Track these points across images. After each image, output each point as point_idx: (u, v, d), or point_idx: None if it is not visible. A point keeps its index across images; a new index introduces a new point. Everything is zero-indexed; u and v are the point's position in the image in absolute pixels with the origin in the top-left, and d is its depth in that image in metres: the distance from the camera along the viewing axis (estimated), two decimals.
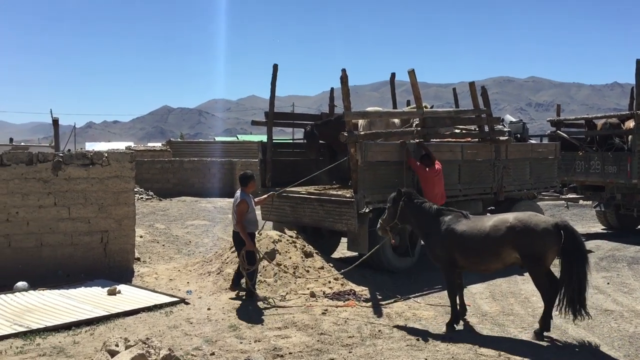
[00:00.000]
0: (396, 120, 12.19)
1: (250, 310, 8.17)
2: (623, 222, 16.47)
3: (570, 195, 16.41)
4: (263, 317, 7.85)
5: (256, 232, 9.25)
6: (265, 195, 10.15)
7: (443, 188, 10.41)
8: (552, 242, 6.76)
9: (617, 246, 13.93)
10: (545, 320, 7.02)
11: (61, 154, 10.32)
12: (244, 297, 8.69)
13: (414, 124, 12.03)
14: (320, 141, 12.22)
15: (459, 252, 7.25)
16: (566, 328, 7.42)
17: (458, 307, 7.51)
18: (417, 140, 10.84)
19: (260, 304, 8.44)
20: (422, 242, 8.49)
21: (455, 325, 7.35)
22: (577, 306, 6.78)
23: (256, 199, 9.42)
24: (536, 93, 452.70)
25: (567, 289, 6.80)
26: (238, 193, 8.86)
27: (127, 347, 5.58)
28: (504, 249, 6.93)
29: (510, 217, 7.07)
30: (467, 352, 6.54)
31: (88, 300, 8.52)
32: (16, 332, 7.08)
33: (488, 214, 11.44)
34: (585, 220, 19.02)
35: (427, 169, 10.28)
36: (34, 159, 9.90)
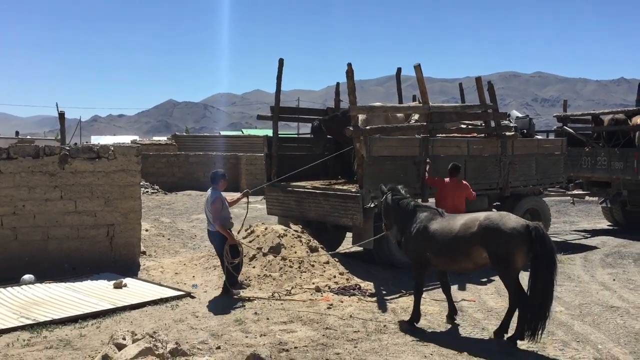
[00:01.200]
0: (399, 115, 12.18)
1: (256, 304, 8.19)
2: (629, 219, 16.42)
3: (576, 191, 16.37)
4: (268, 311, 7.87)
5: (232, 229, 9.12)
6: (240, 195, 9.81)
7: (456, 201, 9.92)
8: (519, 243, 6.44)
9: (623, 242, 13.90)
10: (520, 328, 6.50)
11: (67, 148, 10.35)
12: (221, 293, 8.67)
13: (412, 120, 12.05)
14: (327, 136, 12.21)
15: (431, 251, 7.10)
16: (572, 324, 7.41)
17: (448, 304, 7.41)
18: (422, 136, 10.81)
19: (240, 295, 8.49)
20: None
21: (415, 324, 7.24)
22: (537, 322, 6.30)
23: (229, 200, 9.11)
24: (542, 88, 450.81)
25: (530, 299, 6.41)
26: (209, 192, 8.70)
27: (134, 341, 5.60)
28: (473, 248, 6.71)
29: (481, 215, 6.88)
30: (472, 346, 6.54)
31: (94, 294, 8.56)
32: (23, 324, 7.13)
33: (494, 210, 11.42)
34: (591, 216, 18.98)
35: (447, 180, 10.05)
36: (40, 152, 9.93)
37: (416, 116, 12.06)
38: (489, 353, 6.38)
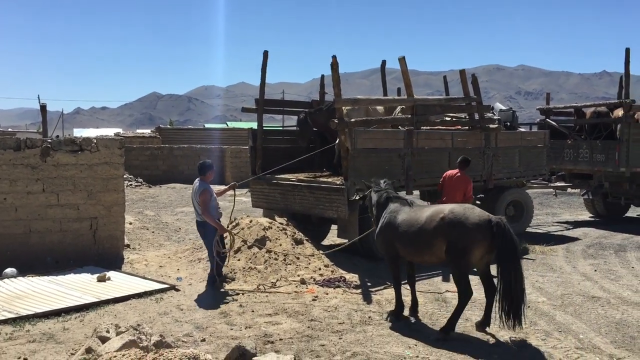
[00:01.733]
0: (379, 108, 12.20)
1: (241, 297, 8.18)
2: (610, 210, 16.64)
3: (558, 183, 16.54)
4: (253, 303, 7.87)
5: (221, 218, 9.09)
6: (226, 187, 9.84)
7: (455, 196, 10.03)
8: (480, 237, 6.43)
9: (604, 234, 14.06)
10: (452, 320, 6.64)
11: (49, 140, 10.23)
12: (206, 286, 8.66)
13: (396, 113, 12.07)
14: (313, 129, 12.20)
15: (398, 242, 7.08)
16: (554, 315, 7.50)
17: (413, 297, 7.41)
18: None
19: (226, 288, 8.46)
20: None
21: (399, 315, 7.25)
22: (511, 315, 6.37)
23: (217, 191, 9.10)
24: (526, 81, 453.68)
25: (500, 294, 6.45)
26: (197, 183, 8.64)
27: (118, 334, 5.58)
28: (436, 241, 6.67)
29: (446, 208, 6.82)
30: (457, 337, 6.59)
31: (77, 287, 8.49)
32: (5, 318, 7.05)
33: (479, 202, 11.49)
34: (573, 208, 19.18)
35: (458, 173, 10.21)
36: (22, 145, 9.80)
37: (399, 109, 12.10)
38: (472, 343, 6.45)
